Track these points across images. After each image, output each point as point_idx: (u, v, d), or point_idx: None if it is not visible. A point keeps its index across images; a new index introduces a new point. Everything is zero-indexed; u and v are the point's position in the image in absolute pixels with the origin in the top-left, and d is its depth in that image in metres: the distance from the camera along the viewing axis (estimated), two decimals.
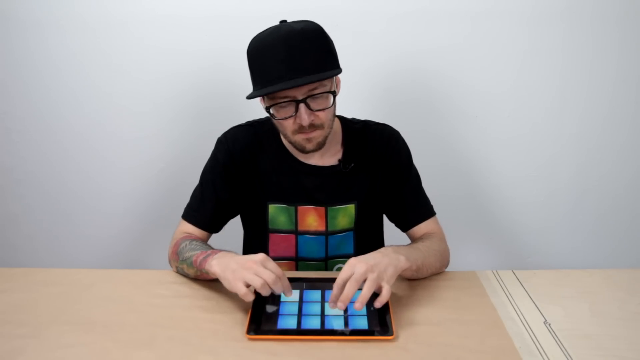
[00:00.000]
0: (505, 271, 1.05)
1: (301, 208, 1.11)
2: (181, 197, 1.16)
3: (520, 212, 1.71)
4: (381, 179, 1.12)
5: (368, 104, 1.58)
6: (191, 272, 0.99)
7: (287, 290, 0.87)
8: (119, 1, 1.51)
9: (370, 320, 0.86)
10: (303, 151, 1.03)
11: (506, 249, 1.76)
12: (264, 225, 1.13)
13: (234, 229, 1.21)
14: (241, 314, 0.89)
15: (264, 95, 0.98)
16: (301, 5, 1.47)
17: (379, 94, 1.59)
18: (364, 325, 0.84)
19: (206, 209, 1.11)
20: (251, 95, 0.97)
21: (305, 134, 0.99)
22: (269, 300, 0.90)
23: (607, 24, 1.52)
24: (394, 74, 1.57)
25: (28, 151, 1.66)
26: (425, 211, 1.14)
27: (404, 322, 0.86)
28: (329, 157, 1.11)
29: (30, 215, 1.74)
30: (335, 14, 1.48)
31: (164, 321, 0.87)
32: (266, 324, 0.85)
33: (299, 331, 0.83)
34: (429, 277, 1.01)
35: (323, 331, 0.83)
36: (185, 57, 1.55)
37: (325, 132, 1.01)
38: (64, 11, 1.52)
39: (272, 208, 1.11)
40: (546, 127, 1.62)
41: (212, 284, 0.97)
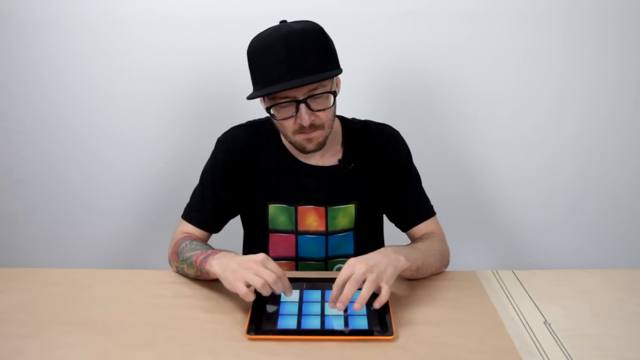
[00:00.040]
0: (505, 271, 1.05)
1: (301, 208, 1.11)
2: (181, 197, 1.16)
3: (520, 212, 1.71)
4: (381, 179, 1.12)
5: (368, 104, 1.58)
6: (191, 272, 0.99)
7: (287, 290, 0.87)
8: (119, 1, 1.51)
9: (370, 320, 0.86)
10: (303, 151, 1.03)
11: (506, 249, 1.76)
12: (264, 225, 1.13)
13: (234, 229, 1.21)
14: (241, 314, 0.89)
15: (265, 96, 0.98)
16: (301, 6, 1.47)
17: (379, 94, 1.59)
18: (363, 325, 0.84)
19: (206, 209, 1.11)
20: (251, 96, 0.97)
21: (305, 134, 0.99)
22: (269, 300, 0.90)
23: (607, 24, 1.52)
24: (394, 74, 1.57)
25: (28, 151, 1.66)
26: (425, 211, 1.14)
27: (404, 322, 0.86)
28: (329, 157, 1.11)
29: (30, 215, 1.74)
30: (335, 14, 1.48)
31: (164, 321, 0.87)
32: (266, 324, 0.85)
33: (299, 331, 0.83)
34: (429, 277, 1.01)
35: (323, 331, 0.83)
36: (185, 57, 1.55)
37: (325, 132, 1.01)
38: (64, 11, 1.52)
39: (272, 208, 1.11)
40: (546, 127, 1.62)
41: (212, 284, 0.97)
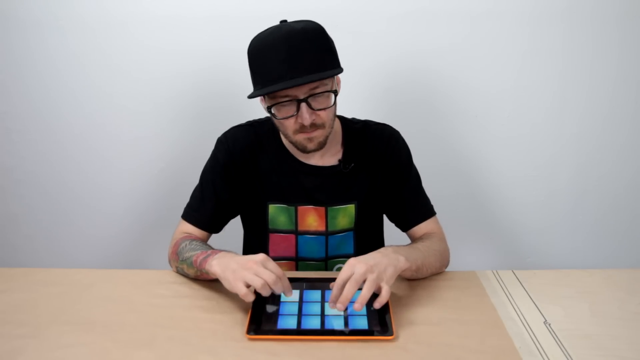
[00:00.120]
0: (505, 271, 1.05)
1: (301, 208, 1.11)
2: (181, 197, 1.16)
3: (520, 212, 1.71)
4: (381, 179, 1.12)
5: (368, 104, 1.58)
6: (191, 272, 0.99)
7: (287, 290, 0.87)
8: (119, 1, 1.51)
9: (370, 320, 0.85)
10: (304, 151, 1.03)
11: (506, 249, 1.76)
12: (264, 225, 1.13)
13: (234, 229, 1.21)
14: (241, 314, 0.89)
15: (265, 95, 0.98)
16: (301, 6, 1.47)
17: (379, 94, 1.59)
18: (364, 325, 0.84)
19: (206, 209, 1.11)
20: (252, 95, 0.98)
21: (306, 133, 0.99)
22: (269, 300, 0.90)
23: (607, 24, 1.52)
24: (394, 74, 1.57)
25: (28, 151, 1.66)
26: (425, 211, 1.14)
27: (404, 322, 0.86)
28: (329, 157, 1.11)
29: (30, 215, 1.74)
30: (335, 14, 1.48)
31: (164, 321, 0.87)
32: (266, 324, 0.85)
33: (299, 331, 0.83)
34: (429, 277, 1.01)
35: (323, 331, 0.83)
36: (185, 57, 1.55)
37: (326, 132, 1.01)
38: (64, 11, 1.52)
39: (272, 208, 1.11)
40: (546, 127, 1.62)
41: (212, 284, 0.97)
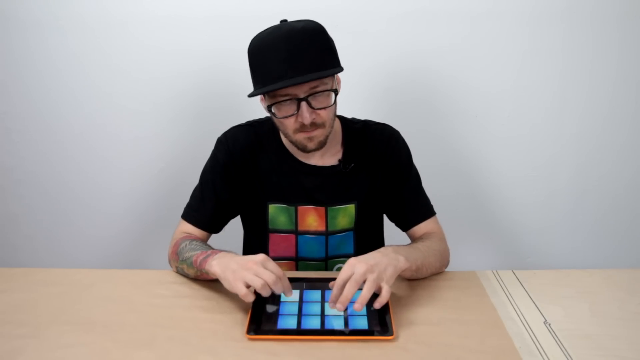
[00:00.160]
0: (505, 271, 1.05)
1: (301, 208, 1.11)
2: (181, 197, 1.16)
3: (520, 212, 1.71)
4: (381, 179, 1.12)
5: (368, 104, 1.58)
6: (191, 272, 0.99)
7: (287, 290, 0.87)
8: (119, 1, 1.51)
9: (370, 320, 0.85)
10: (304, 150, 1.03)
11: (506, 249, 1.76)
12: (264, 225, 1.13)
13: (234, 229, 1.21)
14: (241, 314, 0.89)
15: (265, 94, 0.98)
16: (301, 6, 1.47)
17: (379, 94, 1.59)
18: (364, 325, 0.84)
19: (206, 209, 1.11)
20: (253, 94, 0.98)
21: (306, 132, 0.99)
22: (269, 300, 0.90)
23: (607, 24, 1.52)
24: (394, 74, 1.57)
25: (28, 151, 1.66)
26: (425, 211, 1.14)
27: (404, 322, 0.86)
28: (329, 157, 1.11)
29: (30, 215, 1.74)
30: (335, 14, 1.48)
31: (164, 321, 0.87)
32: (266, 324, 0.85)
33: (299, 331, 0.83)
34: (429, 277, 1.01)
35: (323, 331, 0.83)
36: (185, 57, 1.55)
37: (326, 131, 1.01)
38: (64, 11, 1.52)
39: (272, 208, 1.11)
40: (546, 127, 1.62)
41: (212, 284, 0.97)
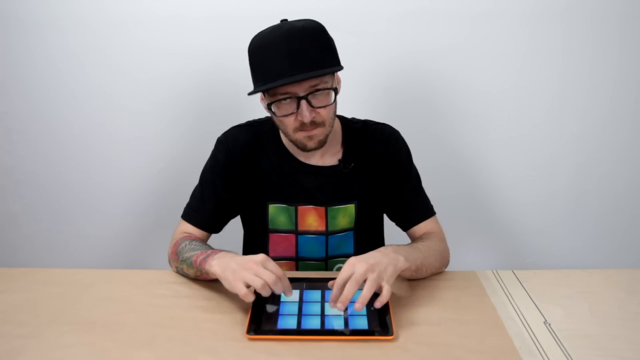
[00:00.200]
0: (505, 271, 1.05)
1: (301, 208, 1.11)
2: (181, 197, 1.16)
3: (520, 212, 1.71)
4: (381, 179, 1.12)
5: (368, 104, 1.58)
6: (191, 273, 0.99)
7: (287, 290, 0.87)
8: (119, 1, 1.51)
9: (370, 321, 0.85)
10: (304, 149, 1.03)
11: (506, 249, 1.76)
12: (264, 225, 1.13)
13: (234, 229, 1.21)
14: (241, 314, 0.89)
15: (265, 93, 0.98)
16: (301, 6, 1.47)
17: (379, 93, 1.59)
18: (364, 325, 0.84)
19: (206, 209, 1.11)
20: (253, 92, 0.97)
21: (306, 131, 0.99)
22: (269, 300, 0.90)
23: (607, 24, 1.52)
24: (394, 73, 1.57)
25: (28, 151, 1.66)
26: (425, 211, 1.14)
27: (404, 322, 0.86)
28: (329, 157, 1.11)
29: (30, 215, 1.74)
30: (336, 14, 1.48)
31: (164, 321, 0.87)
32: (266, 324, 0.85)
33: (299, 331, 0.83)
34: (429, 277, 1.01)
35: (323, 331, 0.83)
36: (185, 57, 1.55)
37: (326, 130, 1.01)
38: (64, 11, 1.52)
39: (272, 208, 1.11)
40: (546, 127, 1.62)
41: (212, 284, 0.97)
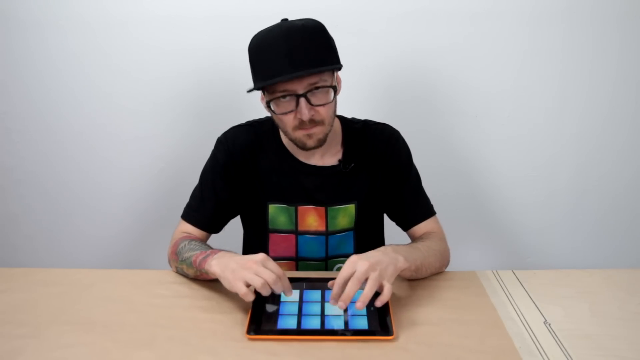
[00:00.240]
0: (505, 271, 1.05)
1: (301, 208, 1.11)
2: (181, 197, 1.16)
3: (520, 212, 1.71)
4: (381, 179, 1.12)
5: (368, 103, 1.58)
6: (191, 272, 0.99)
7: (287, 290, 0.87)
8: (119, 1, 1.51)
9: (370, 320, 0.85)
10: (304, 148, 1.02)
11: (506, 249, 1.76)
12: (264, 225, 1.13)
13: (234, 229, 1.21)
14: (241, 314, 0.89)
15: (265, 90, 0.98)
16: (301, 6, 1.47)
17: (379, 93, 1.59)
18: (364, 325, 0.84)
19: (206, 209, 1.11)
20: (252, 89, 0.97)
21: (305, 130, 0.98)
22: (269, 300, 0.90)
23: (607, 24, 1.52)
24: (394, 73, 1.57)
25: (28, 151, 1.66)
26: (425, 210, 1.14)
27: (404, 322, 0.86)
28: (329, 157, 1.11)
29: (30, 215, 1.74)
30: (335, 14, 1.48)
31: (164, 321, 0.87)
32: (266, 324, 0.85)
33: (299, 331, 0.83)
34: (429, 277, 1.01)
35: (323, 331, 0.83)
36: (185, 57, 1.55)
37: (325, 129, 1.00)
38: (64, 11, 1.52)
39: (272, 208, 1.11)
40: (546, 127, 1.62)
41: (212, 284, 0.97)
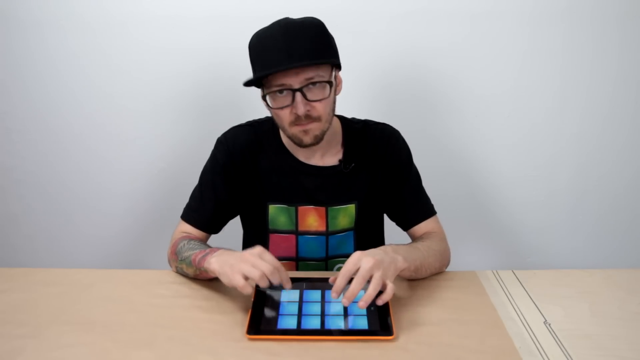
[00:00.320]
0: (505, 271, 1.05)
1: (301, 208, 1.11)
2: (181, 197, 1.16)
3: (520, 212, 1.71)
4: (381, 179, 1.12)
5: (368, 103, 1.58)
6: (190, 272, 0.99)
7: (285, 281, 0.87)
8: (119, 1, 1.51)
9: (370, 320, 0.85)
10: (300, 145, 1.02)
11: (506, 249, 1.76)
12: (264, 226, 1.13)
13: (234, 229, 1.21)
14: (241, 314, 0.89)
15: (261, 82, 0.98)
16: (301, 6, 1.47)
17: (379, 93, 1.59)
18: (364, 325, 0.84)
19: (205, 209, 1.11)
20: (248, 80, 0.97)
21: (301, 125, 0.98)
22: (269, 300, 0.90)
23: (607, 24, 1.52)
24: (394, 73, 1.57)
25: (28, 151, 1.66)
26: (425, 210, 1.14)
27: (404, 322, 0.86)
28: (330, 157, 1.11)
29: (30, 215, 1.74)
30: (335, 14, 1.47)
31: (164, 321, 0.87)
32: (266, 324, 0.85)
33: (299, 331, 0.83)
34: (429, 277, 1.01)
35: (323, 331, 0.83)
36: (185, 57, 1.55)
37: (322, 126, 1.00)
38: (64, 11, 1.52)
39: (272, 208, 1.11)
40: (546, 127, 1.62)
41: (212, 284, 0.97)
